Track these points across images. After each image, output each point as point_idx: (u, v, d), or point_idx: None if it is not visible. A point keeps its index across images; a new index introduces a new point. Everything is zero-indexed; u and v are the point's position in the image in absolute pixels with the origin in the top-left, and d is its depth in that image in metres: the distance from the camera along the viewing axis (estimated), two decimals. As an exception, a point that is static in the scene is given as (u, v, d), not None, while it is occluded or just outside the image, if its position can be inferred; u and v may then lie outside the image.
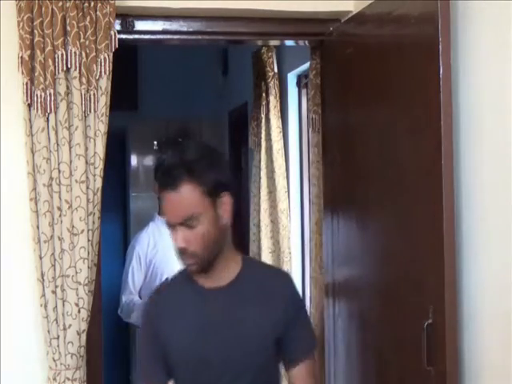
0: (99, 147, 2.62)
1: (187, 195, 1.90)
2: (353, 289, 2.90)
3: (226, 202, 1.94)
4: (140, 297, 3.91)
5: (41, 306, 2.59)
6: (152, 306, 2.09)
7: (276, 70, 3.80)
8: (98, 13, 2.60)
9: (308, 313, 2.35)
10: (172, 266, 3.90)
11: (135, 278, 3.87)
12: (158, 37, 2.95)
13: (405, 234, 2.42)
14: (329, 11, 2.94)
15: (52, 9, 2.56)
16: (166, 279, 2.22)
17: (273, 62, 3.78)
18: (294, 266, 3.84)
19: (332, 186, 3.07)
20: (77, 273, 2.58)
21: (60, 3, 2.56)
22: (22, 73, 2.56)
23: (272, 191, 3.75)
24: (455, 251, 2.18)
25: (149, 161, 5.58)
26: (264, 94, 3.80)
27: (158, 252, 3.91)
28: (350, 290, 2.93)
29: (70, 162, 2.58)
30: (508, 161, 2.05)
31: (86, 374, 2.65)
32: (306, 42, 3.18)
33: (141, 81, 5.95)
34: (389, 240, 2.55)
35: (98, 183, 2.63)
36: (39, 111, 2.55)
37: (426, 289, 2.25)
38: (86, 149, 2.61)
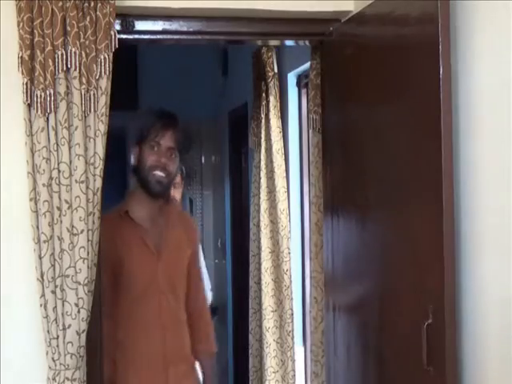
0: (99, 147, 2.62)
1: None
2: (352, 288, 2.90)
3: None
4: None
5: (40, 305, 2.59)
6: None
7: (276, 70, 3.80)
8: (98, 13, 2.60)
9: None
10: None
11: None
12: (158, 37, 2.95)
13: (405, 234, 2.42)
14: (329, 11, 2.94)
15: (52, 9, 2.56)
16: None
17: (273, 61, 3.78)
18: (294, 266, 3.84)
19: (332, 186, 3.07)
20: (76, 273, 2.58)
21: (60, 3, 2.56)
22: (22, 73, 2.56)
23: (272, 191, 3.75)
24: (455, 251, 2.19)
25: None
26: (264, 94, 3.80)
27: None
28: (349, 290, 2.93)
29: (70, 162, 2.58)
30: (508, 161, 2.05)
31: (86, 373, 2.66)
32: (306, 42, 3.17)
33: (141, 81, 5.95)
34: (389, 240, 2.55)
35: (98, 183, 2.63)
36: (39, 111, 2.55)
37: (425, 289, 2.25)
38: (86, 149, 2.60)
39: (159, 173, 2.79)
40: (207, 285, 4.07)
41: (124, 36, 2.79)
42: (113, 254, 2.76)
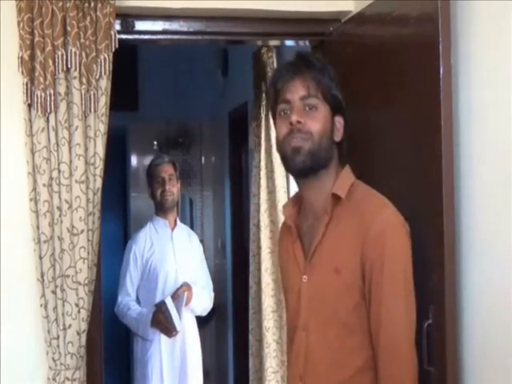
0: (99, 147, 2.62)
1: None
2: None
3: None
4: (138, 297, 3.92)
5: (41, 306, 2.59)
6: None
7: (276, 70, 3.80)
8: (98, 13, 2.61)
9: None
10: (168, 266, 3.92)
11: (132, 277, 3.90)
12: (158, 37, 2.95)
13: (405, 234, 2.42)
14: (329, 11, 2.94)
15: (52, 9, 2.56)
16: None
17: (273, 62, 3.78)
18: (294, 266, 3.83)
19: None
20: (77, 273, 2.58)
21: (60, 3, 2.57)
22: (22, 73, 2.56)
23: (272, 191, 3.75)
24: (455, 251, 2.18)
25: (149, 161, 5.60)
26: (264, 94, 3.80)
27: (155, 252, 3.92)
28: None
29: (70, 162, 2.59)
30: (508, 161, 2.05)
31: (86, 374, 2.66)
32: (307, 42, 3.18)
33: (141, 81, 5.96)
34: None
35: (98, 183, 2.63)
36: (39, 111, 2.55)
37: (426, 289, 2.25)
38: (86, 149, 2.61)
39: (294, 139, 1.93)
40: (209, 287, 4.07)
41: (124, 36, 2.79)
42: (281, 269, 2.14)
